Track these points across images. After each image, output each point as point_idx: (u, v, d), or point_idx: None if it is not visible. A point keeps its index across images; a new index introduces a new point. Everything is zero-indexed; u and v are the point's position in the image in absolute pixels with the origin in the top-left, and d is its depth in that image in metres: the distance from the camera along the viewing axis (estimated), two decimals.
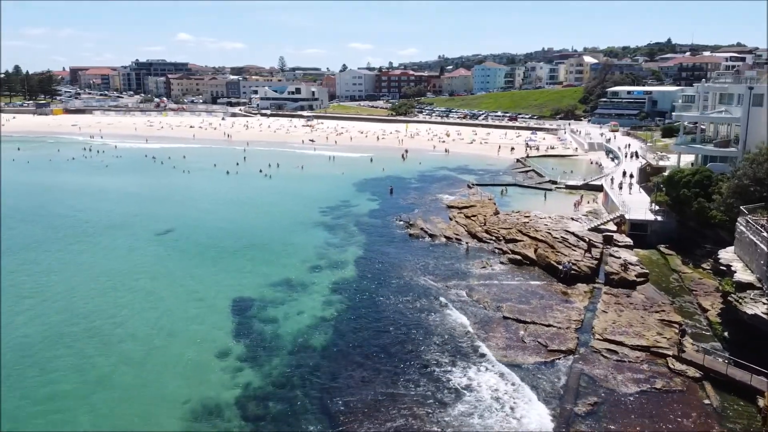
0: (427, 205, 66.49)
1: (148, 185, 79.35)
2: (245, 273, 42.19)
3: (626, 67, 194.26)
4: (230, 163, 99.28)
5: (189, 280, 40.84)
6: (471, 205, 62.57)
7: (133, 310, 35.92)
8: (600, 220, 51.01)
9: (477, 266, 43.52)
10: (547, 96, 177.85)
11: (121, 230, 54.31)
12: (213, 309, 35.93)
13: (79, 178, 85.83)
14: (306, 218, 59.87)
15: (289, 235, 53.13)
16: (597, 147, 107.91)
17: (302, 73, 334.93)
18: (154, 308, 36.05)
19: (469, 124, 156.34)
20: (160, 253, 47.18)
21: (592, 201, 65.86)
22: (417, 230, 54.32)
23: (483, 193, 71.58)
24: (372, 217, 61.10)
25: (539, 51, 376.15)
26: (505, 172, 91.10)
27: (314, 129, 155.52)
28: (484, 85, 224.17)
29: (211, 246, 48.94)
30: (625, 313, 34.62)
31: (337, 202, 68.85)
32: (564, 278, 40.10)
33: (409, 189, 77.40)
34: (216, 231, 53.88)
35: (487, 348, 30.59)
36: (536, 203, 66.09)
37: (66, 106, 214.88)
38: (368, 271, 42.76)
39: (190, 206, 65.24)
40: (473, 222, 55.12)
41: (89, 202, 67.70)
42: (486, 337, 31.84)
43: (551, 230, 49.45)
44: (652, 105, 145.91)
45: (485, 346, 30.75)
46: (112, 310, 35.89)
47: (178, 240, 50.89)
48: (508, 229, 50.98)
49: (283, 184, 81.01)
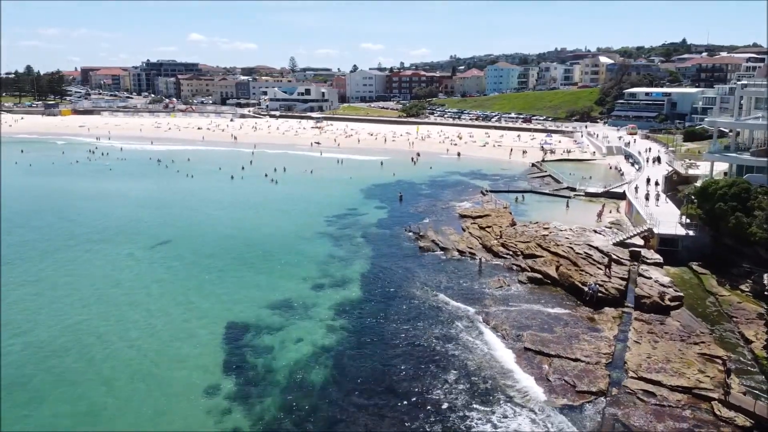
0: (438, 214, 63.02)
1: (149, 191, 76.48)
2: (242, 292, 38.97)
3: (643, 68, 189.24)
4: (236, 166, 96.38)
5: (181, 300, 37.70)
6: (485, 214, 58.99)
7: (116, 332, 32.93)
8: (626, 234, 47.24)
9: (493, 286, 39.99)
10: (562, 97, 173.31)
11: (116, 240, 51.36)
12: (204, 334, 32.75)
13: (80, 182, 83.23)
14: (311, 228, 56.65)
15: (291, 247, 49.90)
16: (616, 151, 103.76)
17: (312, 74, 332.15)
18: (139, 331, 32.92)
19: (482, 126, 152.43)
20: (152, 268, 44.08)
21: (614, 210, 62.06)
22: (428, 242, 50.89)
23: (497, 200, 67.96)
24: (380, 227, 57.76)
25: (552, 51, 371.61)
26: (520, 178, 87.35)
27: (323, 131, 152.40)
28: (497, 86, 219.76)
29: (208, 260, 45.79)
30: (661, 345, 30.96)
31: (344, 209, 65.60)
32: (590, 301, 36.50)
33: (420, 196, 73.95)
34: (215, 243, 50.75)
35: (507, 388, 27.08)
36: (555, 212, 62.37)
37: (75, 106, 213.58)
38: (375, 290, 39.39)
39: (189, 214, 62.23)
40: (488, 234, 51.56)
41: (86, 209, 64.92)
42: (505, 374, 28.32)
43: (573, 244, 45.81)
44: (671, 107, 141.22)
45: (505, 386, 27.25)
46: (94, 331, 32.95)
47: (174, 253, 47.79)
48: (526, 243, 47.37)
49: (288, 189, 77.87)
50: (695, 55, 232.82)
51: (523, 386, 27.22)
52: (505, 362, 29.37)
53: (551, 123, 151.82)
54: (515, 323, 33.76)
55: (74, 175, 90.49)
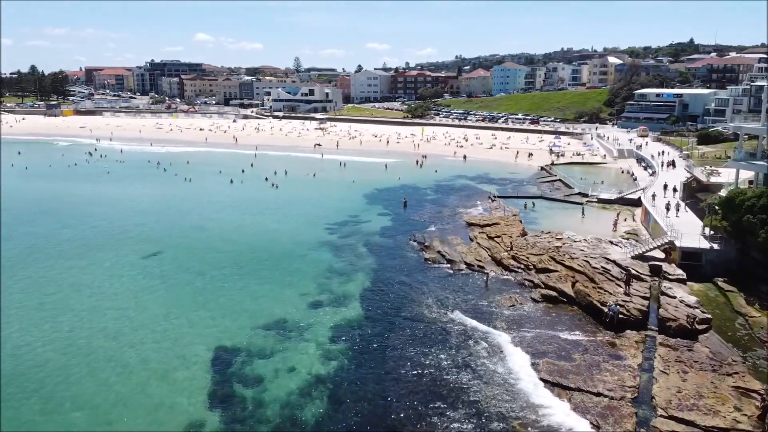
0: (444, 222, 60.21)
1: (144, 195, 73.87)
2: (233, 310, 36.27)
3: (652, 68, 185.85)
4: (236, 169, 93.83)
5: (169, 319, 35.01)
6: (494, 222, 56.14)
7: (102, 351, 30.50)
8: (645, 247, 44.28)
9: (504, 304, 37.15)
10: (570, 98, 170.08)
11: (104, 252, 48.73)
12: (191, 359, 30.09)
13: (75, 186, 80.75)
14: (310, 237, 53.94)
15: (289, 258, 47.17)
16: (627, 154, 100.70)
17: (317, 74, 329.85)
18: (118, 357, 30.28)
19: (489, 128, 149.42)
20: (140, 283, 41.42)
21: (629, 218, 59.14)
22: (433, 254, 48.09)
23: (506, 207, 65.09)
24: (383, 236, 55.01)
25: (558, 51, 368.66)
26: (528, 182, 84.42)
27: (327, 132, 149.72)
28: (504, 87, 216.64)
29: (200, 273, 43.08)
30: (691, 377, 28.08)
31: (346, 216, 62.88)
32: (610, 323, 33.63)
33: (425, 201, 71.14)
34: (207, 254, 48.05)
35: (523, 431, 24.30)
36: (567, 220, 59.49)
37: (77, 107, 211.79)
38: (376, 309, 36.59)
39: (184, 222, 59.57)
40: (498, 245, 48.70)
41: (76, 216, 62.29)
42: (521, 412, 25.48)
43: (589, 257, 42.95)
44: (683, 108, 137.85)
45: (521, 428, 24.44)
46: (77, 350, 30.57)
47: (164, 265, 45.12)
48: (539, 256, 44.50)
49: (289, 194, 75.19)
50: (704, 56, 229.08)
51: (542, 427, 24.39)
52: (521, 397, 26.53)
53: (559, 124, 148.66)
54: (530, 349, 30.93)
55: (70, 178, 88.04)
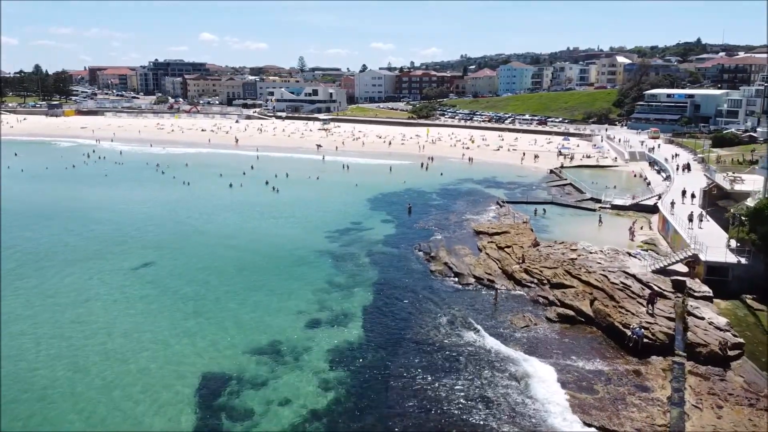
0: (451, 229, 57.44)
1: (140, 201, 71.23)
2: (224, 330, 33.62)
3: (662, 68, 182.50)
4: (237, 171, 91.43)
5: (153, 340, 32.38)
6: (504, 230, 53.31)
7: (83, 377, 27.97)
8: (666, 260, 41.41)
9: (517, 324, 34.36)
10: (578, 98, 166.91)
11: (91, 264, 46.10)
12: (177, 387, 27.48)
13: (70, 190, 78.28)
14: (310, 246, 51.27)
15: (287, 270, 44.49)
16: (639, 157, 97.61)
17: (321, 74, 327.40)
18: (106, 378, 27.73)
19: (495, 129, 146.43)
20: (126, 299, 38.80)
21: (645, 226, 56.26)
22: (440, 266, 45.33)
23: (516, 213, 62.30)
24: (387, 245, 52.29)
25: (564, 50, 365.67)
26: (538, 186, 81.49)
27: (330, 133, 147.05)
28: (510, 86, 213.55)
29: (190, 289, 40.38)
30: (726, 412, 25.27)
31: (348, 223, 60.21)
32: (634, 348, 30.80)
33: (430, 207, 68.34)
34: (200, 266, 45.37)
35: None
36: (581, 228, 56.65)
37: (78, 107, 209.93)
38: (379, 330, 33.86)
39: (179, 230, 56.95)
40: (508, 256, 45.88)
41: (67, 222, 59.78)
42: None
43: (607, 271, 40.15)
44: (695, 109, 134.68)
45: None
46: (52, 374, 27.96)
47: (153, 279, 42.49)
48: (553, 269, 41.68)
49: (290, 198, 72.51)
50: (713, 55, 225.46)
51: None
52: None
53: (568, 125, 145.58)
54: (547, 378, 28.10)
55: (66, 181, 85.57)
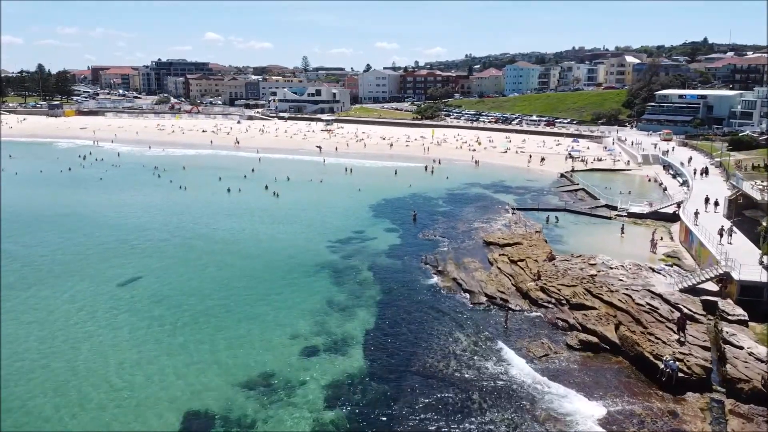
0: (459, 239, 54.19)
1: (132, 208, 67.86)
2: (211, 358, 30.48)
3: (672, 68, 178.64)
4: (237, 175, 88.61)
5: (132, 371, 29.28)
6: (516, 241, 50.02)
7: (59, 413, 24.87)
8: (695, 278, 38.09)
9: (535, 352, 31.08)
10: (587, 99, 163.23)
11: (73, 278, 43.01)
12: (157, 428, 24.40)
13: (60, 195, 75.04)
14: (310, 258, 48.13)
15: (283, 287, 41.29)
16: (652, 160, 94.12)
17: (325, 74, 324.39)
18: (83, 415, 24.67)
19: (502, 130, 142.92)
20: (108, 319, 35.68)
21: (665, 236, 52.92)
22: (448, 282, 42.13)
23: (527, 221, 59.04)
24: (391, 257, 49.09)
25: (570, 50, 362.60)
26: (548, 191, 78.14)
27: (333, 134, 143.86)
28: (517, 86, 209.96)
29: (178, 309, 37.15)
30: None
31: (350, 232, 57.06)
32: (667, 382, 27.52)
33: (437, 214, 65.08)
34: (189, 282, 42.17)
35: None
36: (597, 238, 53.35)
37: (79, 107, 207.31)
38: (382, 360, 30.64)
39: (170, 240, 53.75)
40: (522, 271, 42.60)
41: (51, 231, 56.34)
42: None
43: (630, 289, 36.87)
44: (707, 111, 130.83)
45: None
46: (24, 404, 24.77)
47: (139, 297, 39.35)
48: (572, 287, 38.39)
49: (290, 205, 69.38)
50: (723, 55, 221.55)
51: None
52: None
53: (576, 126, 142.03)
54: (572, 420, 24.90)
55: (59, 185, 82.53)
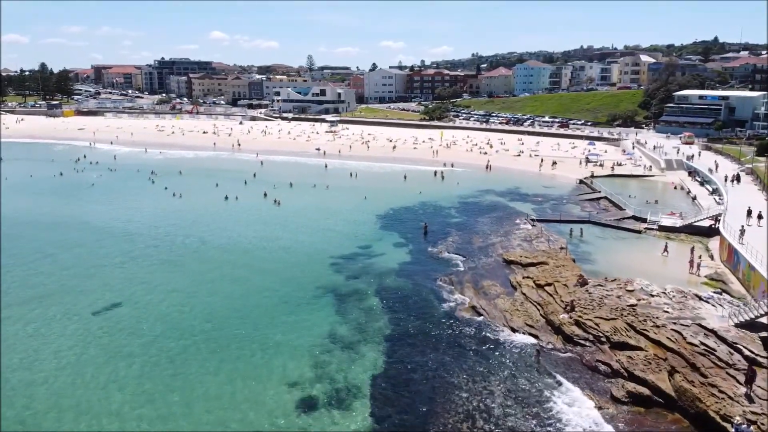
0: (475, 256, 49.11)
1: (121, 219, 62.55)
2: (183, 413, 25.56)
3: (688, 68, 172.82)
4: (237, 180, 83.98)
5: (90, 426, 24.43)
6: (540, 261, 44.81)
7: None
8: (753, 311, 32.81)
9: (580, 410, 25.95)
10: (601, 99, 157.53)
11: (47, 304, 38.14)
12: None
13: (47, 204, 70.18)
14: (310, 280, 43.12)
15: (278, 319, 36.22)
16: (676, 165, 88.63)
17: (330, 73, 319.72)
18: None
19: (514, 131, 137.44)
20: (78, 356, 30.84)
21: (703, 253, 47.66)
22: (466, 310, 37.10)
23: (550, 235, 53.84)
24: (401, 277, 44.07)
25: (578, 49, 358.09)
26: (568, 199, 72.78)
27: (338, 135, 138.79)
28: (527, 86, 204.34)
29: (151, 347, 32.08)
30: None
31: (355, 247, 52.09)
32: None
33: (449, 226, 59.96)
34: (170, 314, 37.02)
35: None
36: (628, 255, 48.15)
37: (79, 107, 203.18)
38: (391, 415, 25.60)
39: (155, 259, 48.51)
40: (552, 300, 37.48)
41: (28, 247, 51.41)
42: None
43: (679, 323, 31.70)
44: (729, 113, 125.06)
45: None
46: None
47: (116, 328, 34.45)
48: (612, 321, 33.21)
49: (290, 215, 64.30)
50: (738, 54, 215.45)
51: None
52: None
53: (591, 128, 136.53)
54: None
55: (48, 192, 77.66)
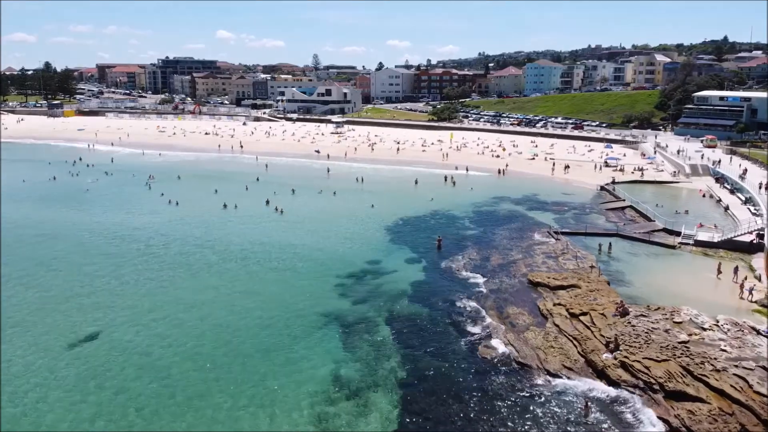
0: (496, 276, 44.40)
1: (110, 231, 57.47)
2: None
3: (705, 68, 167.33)
4: (238, 184, 79.85)
5: None
6: (571, 284, 40.08)
7: None
8: None
9: None
10: (616, 100, 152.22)
11: (20, 333, 33.75)
12: None
13: (35, 213, 65.83)
14: (312, 305, 38.46)
15: (274, 356, 31.38)
16: (702, 171, 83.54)
17: (336, 72, 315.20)
18: None
19: (526, 133, 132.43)
20: (47, 396, 26.39)
21: (747, 273, 42.82)
22: (492, 347, 32.36)
23: (577, 250, 49.09)
24: (414, 302, 39.42)
25: (586, 48, 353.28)
26: (591, 208, 67.91)
27: (343, 137, 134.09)
28: (538, 86, 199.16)
29: (127, 392, 27.61)
30: None
31: (363, 263, 47.54)
32: None
33: (465, 239, 55.20)
34: (155, 345, 32.45)
35: None
36: (665, 276, 43.38)
37: (80, 107, 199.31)
38: None
39: (142, 280, 43.72)
40: (588, 331, 32.73)
41: (7, 269, 47.26)
42: None
43: (741, 366, 27.04)
44: (751, 114, 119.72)
45: None
46: None
47: (86, 367, 29.85)
48: (663, 363, 28.48)
49: (292, 227, 59.54)
50: (752, 54, 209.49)
51: None
52: None
53: (607, 130, 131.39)
54: None
55: (38, 200, 72.61)
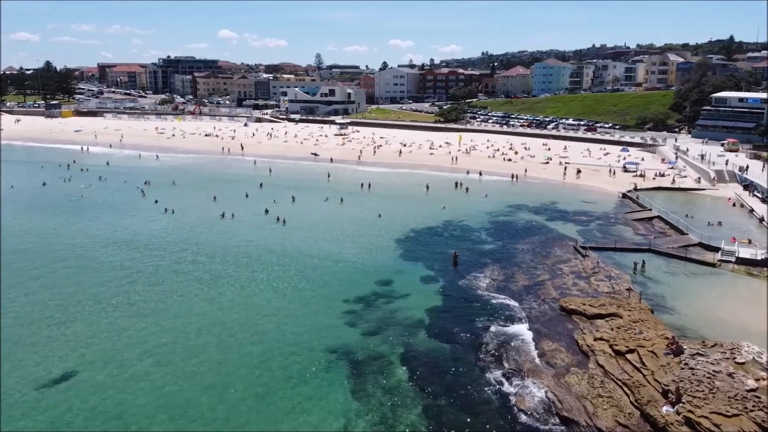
0: (523, 300, 39.88)
1: (100, 244, 53.30)
2: None
3: (719, 68, 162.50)
4: (238, 190, 75.86)
5: None
6: (610, 312, 35.45)
7: None
8: None
9: None
10: (629, 101, 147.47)
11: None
12: None
13: (19, 225, 61.49)
14: (317, 339, 33.90)
15: (274, 407, 26.90)
16: (728, 177, 78.82)
17: (339, 72, 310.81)
18: None
19: (537, 135, 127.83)
20: None
21: None
22: (529, 396, 27.80)
23: (611, 269, 44.44)
24: (433, 334, 34.90)
25: (591, 48, 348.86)
26: (615, 218, 63.27)
27: (347, 139, 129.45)
28: (546, 86, 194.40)
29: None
30: None
31: (373, 284, 43.05)
32: None
33: (483, 254, 50.65)
34: (136, 390, 28.03)
35: None
36: (709, 299, 38.94)
37: (78, 107, 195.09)
38: None
39: (127, 305, 39.14)
40: (639, 374, 28.10)
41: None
42: None
43: None
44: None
45: None
46: None
47: (54, 414, 25.61)
48: (733, 418, 23.92)
49: (295, 241, 54.84)
50: (759, 53, 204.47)
51: None
52: None
53: (621, 132, 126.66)
54: None
55: (25, 209, 68.13)
